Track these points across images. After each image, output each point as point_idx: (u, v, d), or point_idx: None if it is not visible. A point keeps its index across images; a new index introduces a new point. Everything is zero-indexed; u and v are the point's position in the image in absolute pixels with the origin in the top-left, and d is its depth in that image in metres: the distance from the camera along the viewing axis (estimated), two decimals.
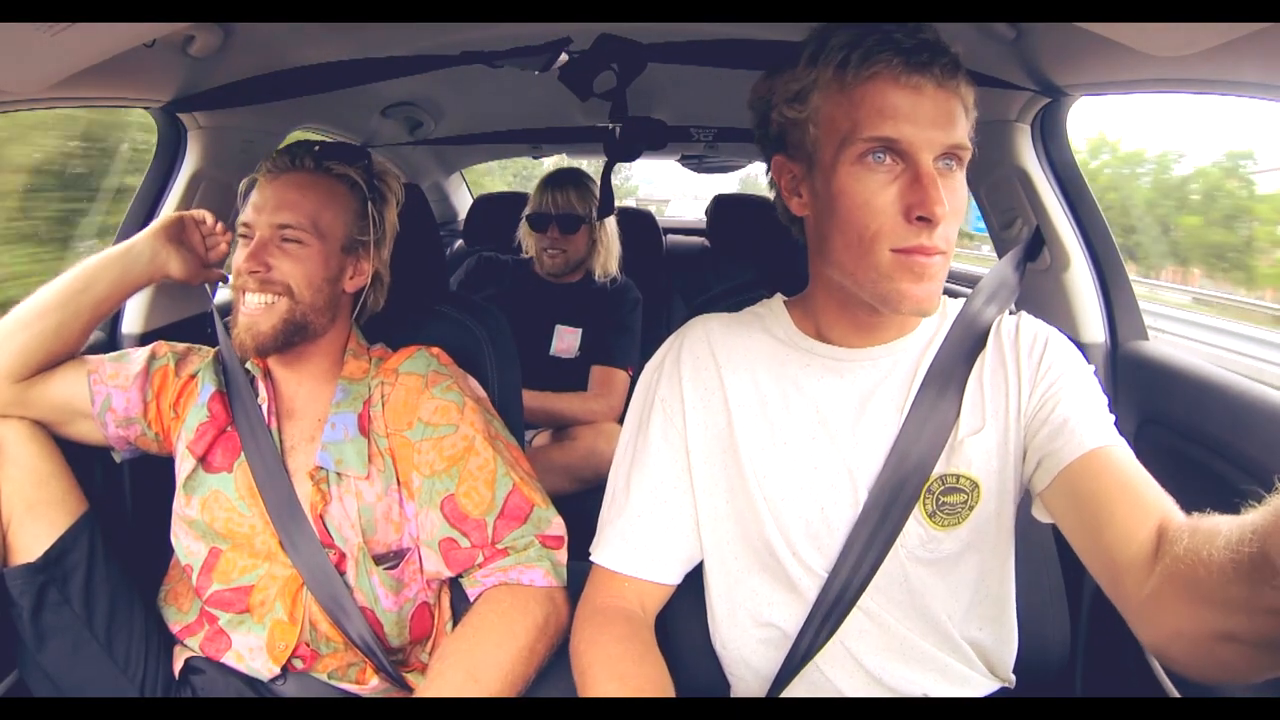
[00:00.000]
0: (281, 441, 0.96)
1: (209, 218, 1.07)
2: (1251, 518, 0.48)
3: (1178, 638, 0.57)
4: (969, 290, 0.84)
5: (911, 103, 0.66)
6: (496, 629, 0.84)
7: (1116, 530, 0.63)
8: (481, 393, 1.02)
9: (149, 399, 0.98)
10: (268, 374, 0.98)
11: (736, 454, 0.78)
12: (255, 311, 0.91)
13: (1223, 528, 0.52)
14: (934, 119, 0.66)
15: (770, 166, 0.78)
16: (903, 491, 0.74)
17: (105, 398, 0.96)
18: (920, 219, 0.66)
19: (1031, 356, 0.76)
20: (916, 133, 0.66)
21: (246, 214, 0.94)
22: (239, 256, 0.92)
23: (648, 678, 0.72)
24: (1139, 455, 0.69)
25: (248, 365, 0.99)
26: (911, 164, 0.67)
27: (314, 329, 0.95)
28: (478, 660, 0.81)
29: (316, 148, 0.98)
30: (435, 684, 0.80)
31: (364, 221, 0.97)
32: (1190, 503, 0.64)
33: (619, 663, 0.72)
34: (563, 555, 0.92)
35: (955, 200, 0.68)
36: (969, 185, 1.39)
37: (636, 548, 0.80)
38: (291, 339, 0.93)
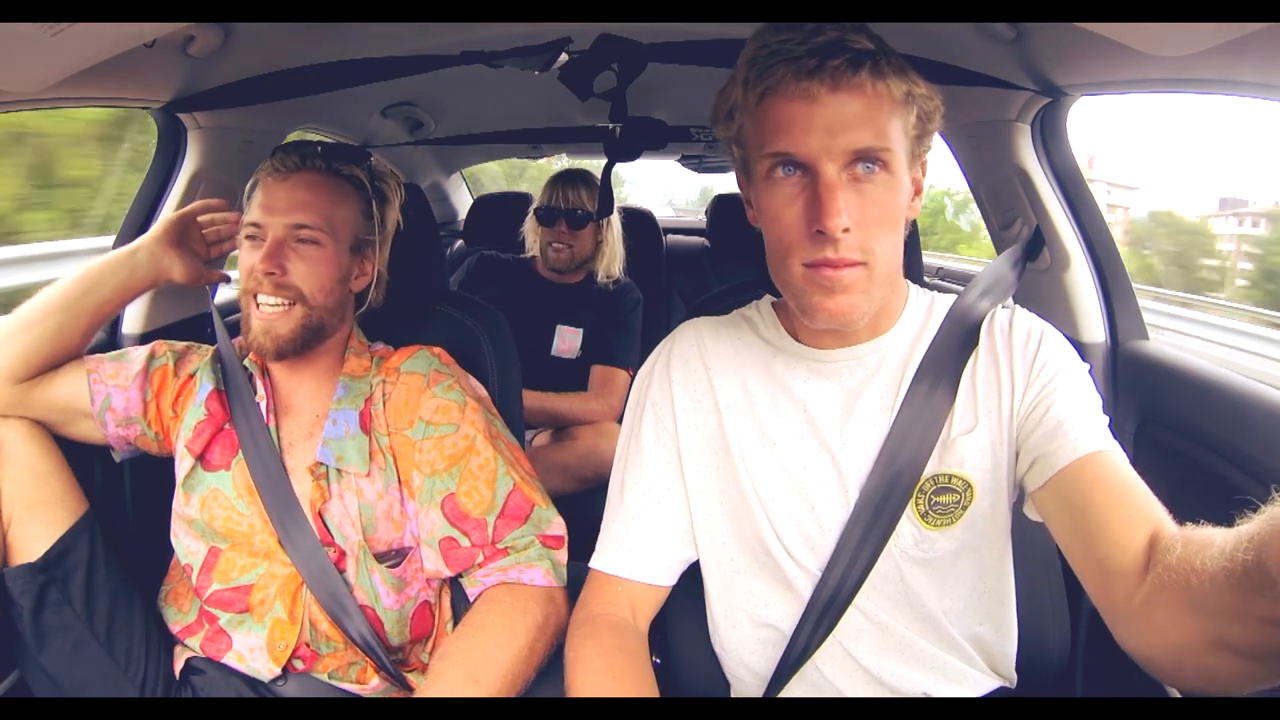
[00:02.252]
0: (279, 438, 0.96)
1: (217, 205, 1.06)
2: (1248, 527, 0.48)
3: (1166, 645, 0.56)
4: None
5: (806, 113, 0.64)
6: (496, 629, 0.84)
7: (1109, 538, 0.62)
8: (482, 392, 1.02)
9: (148, 399, 0.98)
10: (265, 371, 0.98)
11: (728, 455, 0.79)
12: (272, 315, 0.91)
13: (1217, 537, 0.52)
14: (830, 126, 0.64)
15: None
16: (894, 491, 0.74)
17: (105, 397, 0.96)
18: (818, 232, 0.65)
19: (1025, 353, 0.75)
20: (811, 143, 0.64)
21: (255, 214, 0.93)
22: (252, 258, 0.92)
23: (626, 693, 0.71)
24: (1139, 455, 0.69)
25: (245, 363, 0.98)
26: (813, 176, 0.65)
27: (328, 330, 0.95)
28: (478, 660, 0.81)
29: (319, 148, 0.98)
30: (435, 684, 0.80)
31: (370, 222, 0.98)
32: (1190, 502, 0.64)
33: (599, 677, 0.72)
34: (563, 555, 0.92)
35: (874, 207, 0.66)
36: (970, 185, 1.40)
37: (631, 550, 0.80)
38: (309, 342, 0.93)
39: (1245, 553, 0.47)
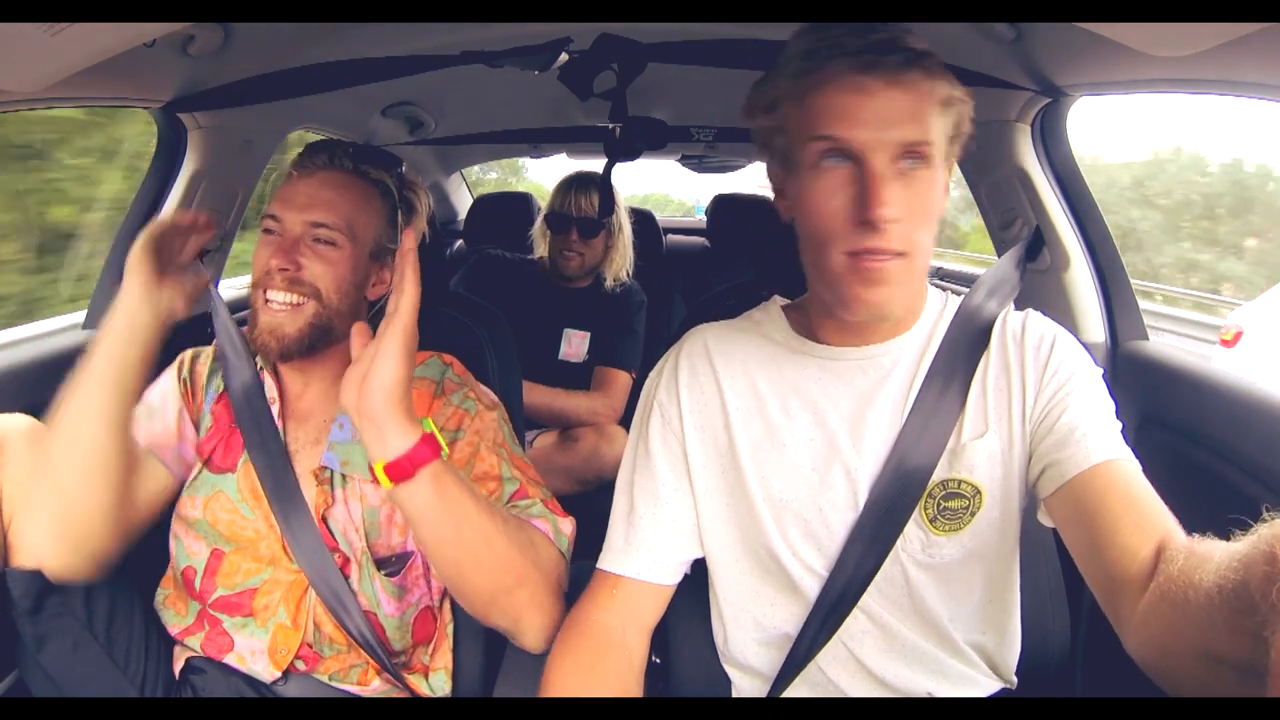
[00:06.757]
0: (286, 445, 0.95)
1: (183, 217, 0.95)
2: (1240, 545, 0.49)
3: (1164, 654, 0.57)
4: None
5: (859, 104, 0.66)
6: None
7: (1118, 547, 0.63)
8: (494, 399, 0.99)
9: (187, 435, 0.97)
10: (275, 372, 0.97)
11: (735, 458, 0.78)
12: (280, 312, 0.88)
13: (1216, 553, 0.52)
14: (884, 119, 0.66)
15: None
16: (902, 495, 0.74)
17: (176, 458, 0.96)
18: (865, 222, 0.66)
19: (1038, 358, 0.75)
20: (864, 134, 0.66)
21: (274, 207, 0.89)
22: (266, 252, 0.89)
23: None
24: (1138, 455, 0.69)
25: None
26: (861, 166, 0.67)
27: (338, 334, 0.92)
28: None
29: (350, 148, 0.95)
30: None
31: (393, 230, 0.95)
32: (1189, 503, 0.64)
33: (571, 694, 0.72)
34: (566, 525, 0.88)
35: (917, 200, 0.67)
36: (970, 185, 1.40)
37: (635, 550, 0.80)
38: (316, 343, 0.91)
39: (1234, 572, 0.48)
